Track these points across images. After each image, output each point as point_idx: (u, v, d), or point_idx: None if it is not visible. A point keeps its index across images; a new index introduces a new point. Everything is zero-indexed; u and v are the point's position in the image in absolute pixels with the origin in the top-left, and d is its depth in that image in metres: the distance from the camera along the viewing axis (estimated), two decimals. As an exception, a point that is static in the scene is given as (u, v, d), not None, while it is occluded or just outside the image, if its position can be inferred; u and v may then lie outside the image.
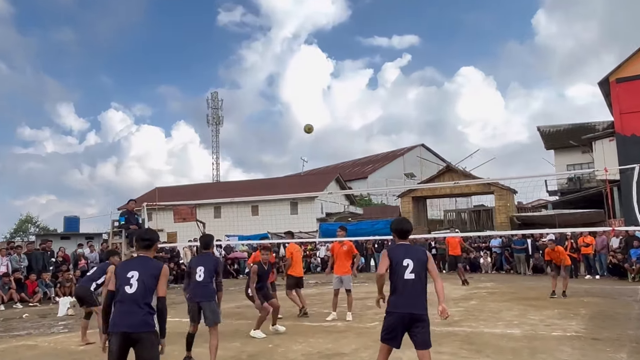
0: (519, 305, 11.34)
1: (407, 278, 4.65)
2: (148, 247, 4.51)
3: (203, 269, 6.52)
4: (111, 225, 12.67)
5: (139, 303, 4.11)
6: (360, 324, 9.48)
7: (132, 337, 4.04)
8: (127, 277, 4.20)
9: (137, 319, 4.06)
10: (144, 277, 4.20)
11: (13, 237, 44.79)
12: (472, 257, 22.08)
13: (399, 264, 4.69)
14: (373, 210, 38.34)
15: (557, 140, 38.70)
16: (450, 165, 30.68)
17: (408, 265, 4.68)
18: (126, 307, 4.11)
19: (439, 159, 55.22)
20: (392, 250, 4.88)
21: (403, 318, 4.59)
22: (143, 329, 4.07)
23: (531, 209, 33.42)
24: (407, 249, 4.83)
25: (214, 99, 65.59)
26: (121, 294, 4.17)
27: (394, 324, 4.61)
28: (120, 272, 4.30)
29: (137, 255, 4.58)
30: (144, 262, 4.35)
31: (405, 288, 4.63)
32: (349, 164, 64.47)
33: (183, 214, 17.84)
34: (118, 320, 4.09)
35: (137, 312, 4.08)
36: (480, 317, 9.82)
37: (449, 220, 32.28)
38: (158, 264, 4.40)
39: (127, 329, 4.04)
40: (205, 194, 41.25)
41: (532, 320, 9.25)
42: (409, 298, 4.61)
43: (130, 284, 4.16)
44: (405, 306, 4.59)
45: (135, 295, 4.13)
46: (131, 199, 12.36)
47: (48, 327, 10.41)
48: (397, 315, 4.61)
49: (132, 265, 4.36)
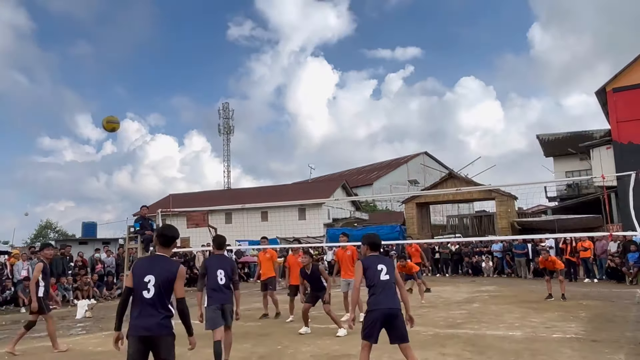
0: (520, 308, 11.27)
1: (383, 279, 5.09)
2: (167, 244, 4.38)
3: (223, 272, 6.31)
4: (127, 231, 12.71)
5: (156, 307, 4.06)
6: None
7: (150, 340, 4.01)
8: (145, 281, 4.11)
9: (155, 323, 4.02)
10: (160, 281, 4.11)
11: (33, 242, 45.08)
12: (474, 262, 21.98)
13: (373, 269, 5.13)
14: (378, 216, 38.28)
15: (556, 147, 38.50)
16: (453, 173, 30.59)
17: (382, 269, 5.13)
18: (144, 310, 4.06)
19: (441, 166, 55.10)
20: (366, 259, 5.29)
21: (383, 313, 4.95)
22: (161, 332, 4.02)
23: (531, 215, 33.19)
24: (378, 258, 5.30)
25: (225, 109, 65.69)
26: (139, 298, 4.10)
27: (375, 320, 4.96)
28: (137, 273, 4.17)
29: (154, 254, 4.45)
30: (161, 264, 4.21)
31: (384, 288, 5.05)
32: (355, 171, 64.41)
33: (196, 219, 17.92)
34: (137, 324, 4.04)
35: (155, 316, 4.04)
36: (482, 319, 9.77)
37: (451, 225, 32.11)
38: (174, 266, 4.25)
39: (146, 332, 4.00)
40: (217, 200, 41.38)
41: (533, 323, 9.19)
42: (387, 296, 5.02)
43: (147, 289, 4.09)
44: (385, 303, 4.97)
45: (153, 300, 4.07)
46: (143, 205, 12.42)
47: (67, 329, 10.46)
48: (378, 311, 4.97)
49: (149, 266, 4.21)
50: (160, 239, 4.40)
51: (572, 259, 18.11)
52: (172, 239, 4.40)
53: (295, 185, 52.53)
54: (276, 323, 10.11)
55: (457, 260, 22.83)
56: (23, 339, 8.26)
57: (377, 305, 4.98)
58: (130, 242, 12.45)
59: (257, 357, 7.07)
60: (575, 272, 18.31)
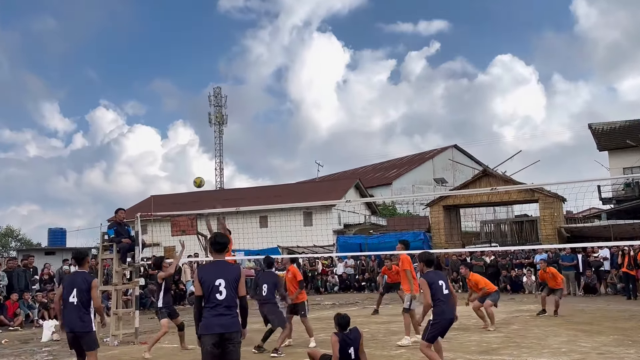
0: (567, 330, 11.24)
1: (445, 293, 7.06)
2: (221, 250, 5.69)
3: (267, 285, 9.66)
4: (101, 239, 12.79)
5: (229, 307, 5.33)
6: (384, 351, 9.47)
7: (224, 336, 5.24)
8: (216, 284, 5.34)
9: (228, 321, 5.29)
10: (230, 283, 5.38)
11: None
12: (513, 275, 21.92)
13: (437, 285, 7.03)
14: (398, 221, 38.17)
15: (612, 139, 38.27)
16: (488, 170, 30.47)
17: (442, 284, 7.08)
18: (219, 311, 5.29)
19: (474, 162, 54.93)
20: (428, 276, 7.14)
21: (449, 322, 7.06)
22: (234, 329, 5.31)
23: (582, 220, 33.06)
24: (437, 274, 7.28)
25: (216, 96, 65.60)
26: (212, 300, 5.33)
27: (444, 327, 7.04)
28: (206, 279, 5.41)
29: (214, 260, 5.67)
30: (226, 268, 5.54)
31: (447, 301, 7.03)
32: (370, 168, 64.43)
33: (182, 226, 18.05)
34: (212, 323, 5.27)
35: (228, 315, 5.31)
36: (522, 344, 9.76)
37: (486, 232, 32.03)
38: (237, 268, 5.71)
39: (221, 329, 5.24)
40: (207, 203, 41.41)
41: (583, 348, 9.16)
42: (451, 307, 7.08)
43: (220, 292, 5.33)
44: (450, 313, 7.04)
45: (227, 301, 5.33)
46: (119, 208, 12.43)
47: (30, 354, 10.56)
48: (445, 320, 7.00)
49: (215, 271, 5.47)
50: (215, 246, 5.68)
51: (631, 272, 18.01)
52: (224, 246, 5.76)
53: (300, 185, 52.62)
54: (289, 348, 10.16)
55: (493, 274, 22.71)
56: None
57: (444, 315, 6.95)
58: (104, 251, 12.53)
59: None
60: (635, 288, 18.19)
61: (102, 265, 12.76)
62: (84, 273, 7.13)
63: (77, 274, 7.19)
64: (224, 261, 5.69)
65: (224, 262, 5.66)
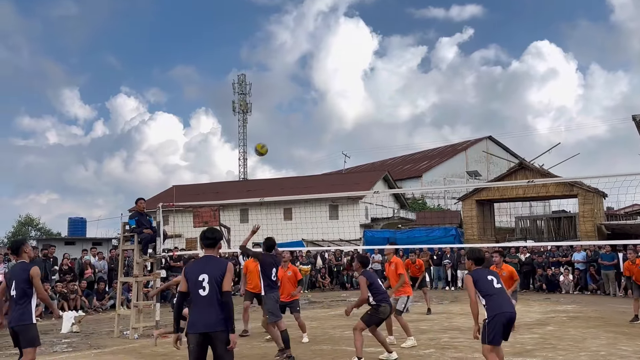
0: (607, 332, 11.12)
1: (497, 287, 6.78)
2: (212, 245, 5.60)
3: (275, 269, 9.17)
4: (122, 229, 12.95)
5: (213, 304, 5.19)
6: (412, 350, 9.46)
7: (209, 336, 5.12)
8: (199, 280, 5.26)
9: (212, 319, 5.15)
10: (214, 278, 5.26)
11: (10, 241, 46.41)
12: (549, 274, 21.68)
13: (484, 280, 6.80)
14: (428, 215, 37.93)
15: (658, 131, 37.46)
16: (524, 162, 30.09)
17: (492, 279, 6.83)
18: (202, 308, 5.19)
19: (509, 154, 54.29)
20: (476, 272, 6.94)
21: (508, 317, 6.62)
22: (218, 328, 5.13)
23: (624, 217, 32.48)
24: (485, 271, 7.02)
25: (241, 83, 65.76)
26: (195, 297, 5.25)
27: (502, 324, 6.58)
28: (190, 274, 5.37)
29: (203, 256, 5.64)
30: (211, 263, 5.42)
31: (499, 294, 6.72)
32: (399, 160, 64.15)
33: (205, 217, 18.22)
34: (196, 321, 5.20)
35: (212, 313, 5.17)
36: (558, 346, 9.69)
37: (521, 228, 31.68)
38: (223, 262, 5.47)
39: (205, 329, 5.13)
40: (230, 193, 41.76)
41: (624, 352, 9.06)
42: (506, 300, 6.75)
43: (203, 287, 5.23)
44: (507, 307, 6.66)
45: (209, 297, 5.20)
46: (140, 197, 12.57)
47: (50, 345, 10.77)
48: (503, 315, 6.58)
49: (200, 267, 5.38)
50: (205, 241, 5.60)
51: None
52: (215, 241, 5.63)
53: (326, 177, 52.61)
54: (297, 344, 10.21)
55: (528, 272, 22.50)
56: None
57: (501, 309, 6.60)
58: (125, 242, 12.68)
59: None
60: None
61: (123, 256, 12.93)
62: (23, 263, 6.89)
63: (16, 265, 6.97)
64: (211, 256, 5.57)
65: (211, 257, 5.55)
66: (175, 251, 21.46)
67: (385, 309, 8.40)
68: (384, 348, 8.62)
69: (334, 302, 18.60)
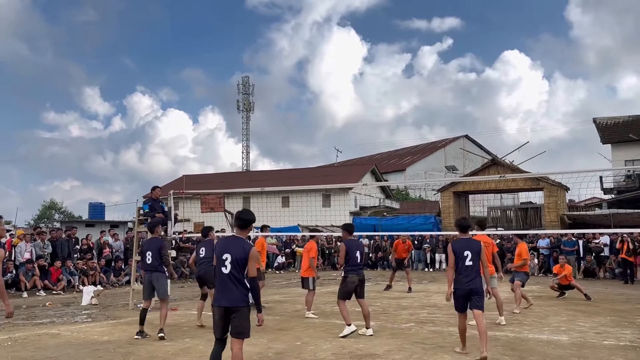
0: (567, 310, 11.17)
1: (467, 264, 6.68)
2: (243, 227, 5.36)
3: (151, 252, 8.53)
4: (136, 213, 12.91)
5: (233, 282, 5.13)
6: (395, 324, 9.47)
7: (230, 310, 5.09)
8: (223, 258, 5.19)
9: (233, 296, 5.11)
10: (235, 259, 5.14)
11: (37, 223, 46.26)
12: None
13: (460, 254, 6.72)
14: (410, 205, 38.03)
15: (615, 133, 37.55)
16: (496, 159, 30.09)
17: (467, 255, 6.69)
18: (224, 285, 5.15)
19: (483, 151, 54.36)
20: (455, 243, 6.86)
21: (466, 292, 6.68)
22: (239, 304, 5.09)
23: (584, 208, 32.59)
24: (467, 242, 6.87)
25: (245, 84, 65.86)
26: (219, 273, 5.19)
27: (461, 296, 6.72)
28: (218, 251, 5.28)
29: (230, 235, 5.52)
30: (236, 244, 5.23)
31: (466, 271, 6.67)
32: (385, 155, 64.12)
33: (211, 203, 18.10)
34: (220, 297, 5.16)
35: (233, 290, 5.12)
36: (524, 322, 9.70)
37: (493, 217, 31.73)
38: (247, 247, 5.23)
39: (227, 303, 5.11)
40: (234, 183, 41.75)
41: (582, 327, 9.09)
42: (468, 277, 6.66)
43: (225, 266, 5.17)
44: (467, 284, 6.66)
45: (229, 275, 5.14)
46: (156, 185, 12.58)
47: (71, 316, 10.74)
48: (462, 290, 6.70)
49: (226, 246, 5.25)
50: (237, 222, 5.38)
51: (629, 258, 17.77)
52: (246, 223, 5.37)
53: (320, 169, 52.61)
54: (295, 317, 10.21)
55: (498, 257, 22.56)
56: (26, 326, 8.50)
57: (461, 285, 6.70)
58: (140, 225, 12.65)
59: (273, 353, 7.15)
60: (633, 274, 17.96)
61: (137, 238, 12.90)
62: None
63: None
64: (238, 238, 5.33)
65: (237, 238, 5.32)
66: (184, 233, 21.44)
67: (353, 279, 8.29)
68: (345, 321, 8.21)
69: (326, 281, 18.64)
